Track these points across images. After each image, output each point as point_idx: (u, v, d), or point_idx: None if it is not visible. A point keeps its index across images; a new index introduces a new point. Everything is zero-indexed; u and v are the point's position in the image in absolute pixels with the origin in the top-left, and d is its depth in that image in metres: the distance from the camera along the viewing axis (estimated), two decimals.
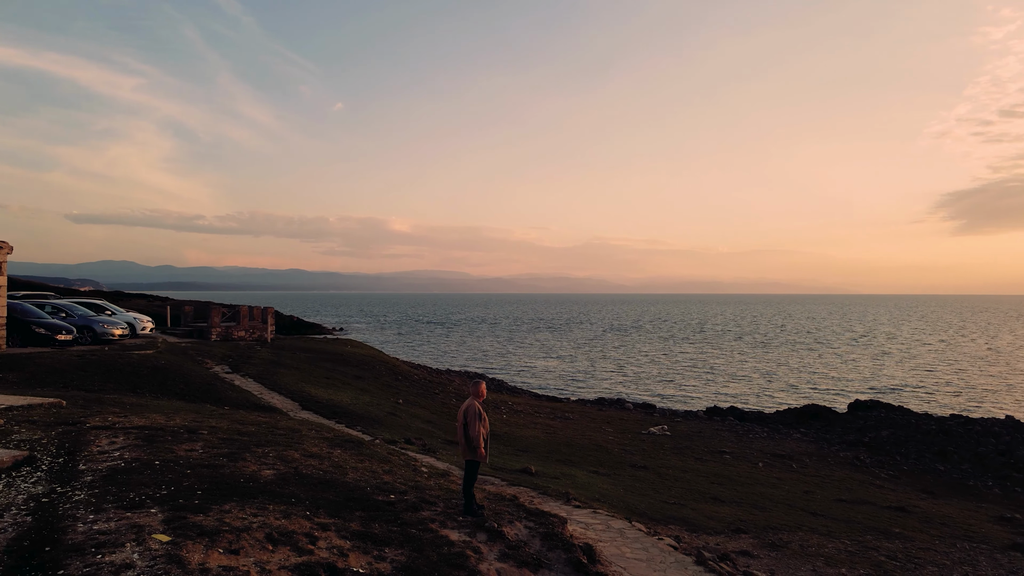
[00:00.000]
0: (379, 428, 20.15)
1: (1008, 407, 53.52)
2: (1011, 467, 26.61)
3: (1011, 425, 31.91)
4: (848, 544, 15.79)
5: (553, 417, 31.49)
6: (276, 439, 11.69)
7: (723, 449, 27.02)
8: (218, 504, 8.19)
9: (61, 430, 10.82)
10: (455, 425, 24.22)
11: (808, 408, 49.56)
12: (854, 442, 30.46)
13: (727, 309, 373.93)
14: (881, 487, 23.77)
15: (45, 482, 8.60)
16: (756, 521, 16.72)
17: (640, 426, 31.48)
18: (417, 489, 10.33)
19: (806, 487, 22.23)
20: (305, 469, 10.12)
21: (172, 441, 10.57)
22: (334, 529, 8.16)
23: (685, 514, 16.27)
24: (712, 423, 34.40)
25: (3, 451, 9.27)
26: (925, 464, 27.31)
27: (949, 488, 24.67)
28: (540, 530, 9.48)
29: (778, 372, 79.76)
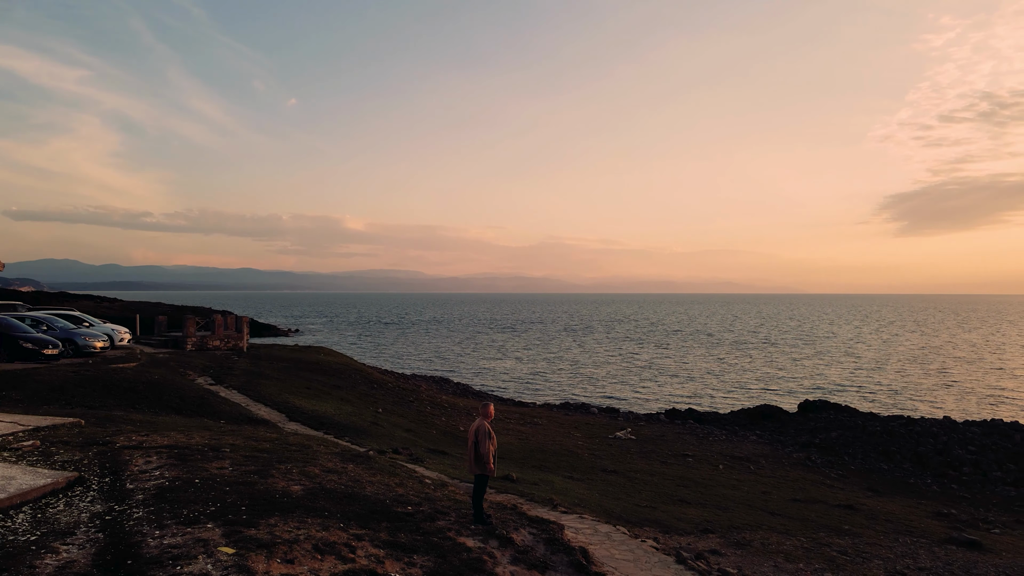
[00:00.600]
0: (366, 438, 21.13)
1: (947, 406, 56.64)
2: (947, 466, 28.79)
3: (948, 425, 34.26)
4: (804, 541, 17.38)
5: (523, 423, 32.75)
6: (292, 455, 12.68)
7: (686, 452, 28.64)
8: (263, 518, 9.22)
9: (96, 451, 11.64)
10: (432, 433, 25.27)
11: (761, 408, 51.85)
12: (806, 443, 32.43)
13: (681, 309, 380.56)
14: (831, 486, 25.63)
15: (101, 501, 9.49)
16: (721, 521, 18.22)
17: (606, 430, 32.95)
18: (429, 501, 11.46)
19: (764, 488, 23.91)
20: (328, 484, 11.17)
21: (202, 460, 11.50)
22: (367, 539, 9.26)
23: (657, 516, 17.68)
24: (674, 426, 36.07)
25: (56, 472, 10.10)
26: (871, 464, 29.35)
27: (892, 486, 26.66)
28: (543, 536, 10.71)
29: (730, 372, 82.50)
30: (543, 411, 38.67)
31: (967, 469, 28.40)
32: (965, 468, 28.47)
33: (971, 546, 19.35)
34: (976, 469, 28.30)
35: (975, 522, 22.67)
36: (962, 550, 18.88)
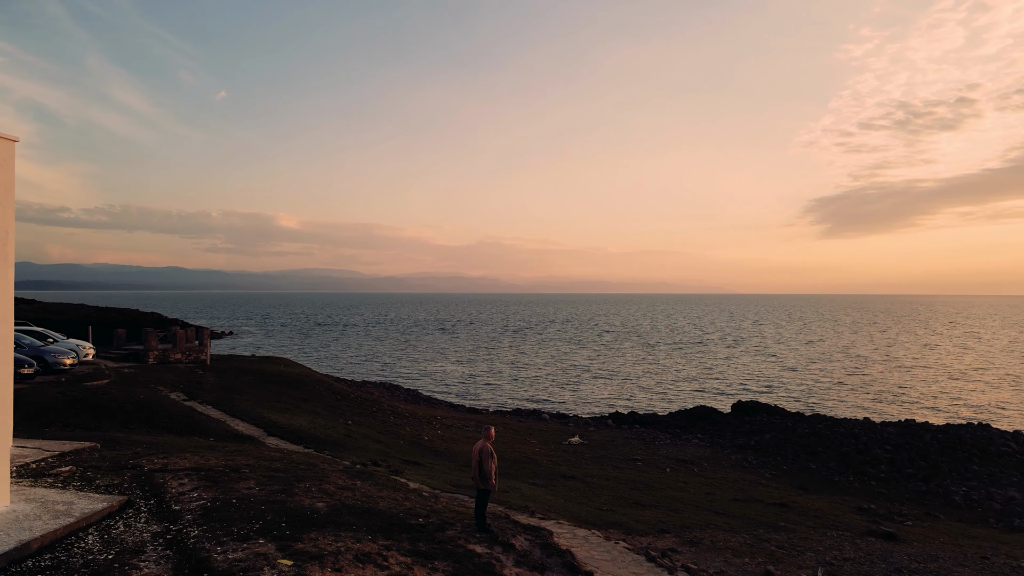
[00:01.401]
0: (344, 452, 22.47)
1: (864, 405, 60.89)
2: (867, 464, 31.77)
3: (867, 426, 37.48)
4: (747, 538, 19.59)
5: (480, 430, 34.36)
6: (305, 474, 14.05)
7: (635, 457, 30.81)
8: (304, 533, 10.67)
9: (130, 475, 12.78)
10: (401, 444, 26.82)
11: (698, 410, 54.84)
12: (742, 445, 35.07)
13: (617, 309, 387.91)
14: (767, 486, 28.16)
15: (155, 522, 10.77)
16: (674, 522, 20.29)
17: (559, 436, 34.90)
18: (435, 513, 13.04)
19: (708, 489, 26.21)
20: (346, 500, 12.64)
21: (228, 481, 12.80)
22: (395, 549, 10.81)
23: (618, 519, 19.61)
24: (621, 431, 38.29)
25: (108, 496, 11.28)
26: (800, 464, 32.11)
27: (820, 484, 29.39)
28: (537, 541, 12.44)
29: (666, 373, 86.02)
30: (498, 418, 40.37)
31: (884, 467, 31.42)
32: (882, 466, 31.49)
33: (888, 538, 21.97)
34: (892, 467, 31.34)
35: (891, 516, 25.44)
36: (880, 541, 21.46)
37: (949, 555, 20.52)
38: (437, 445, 28.69)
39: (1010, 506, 26.90)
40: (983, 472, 30.46)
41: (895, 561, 19.25)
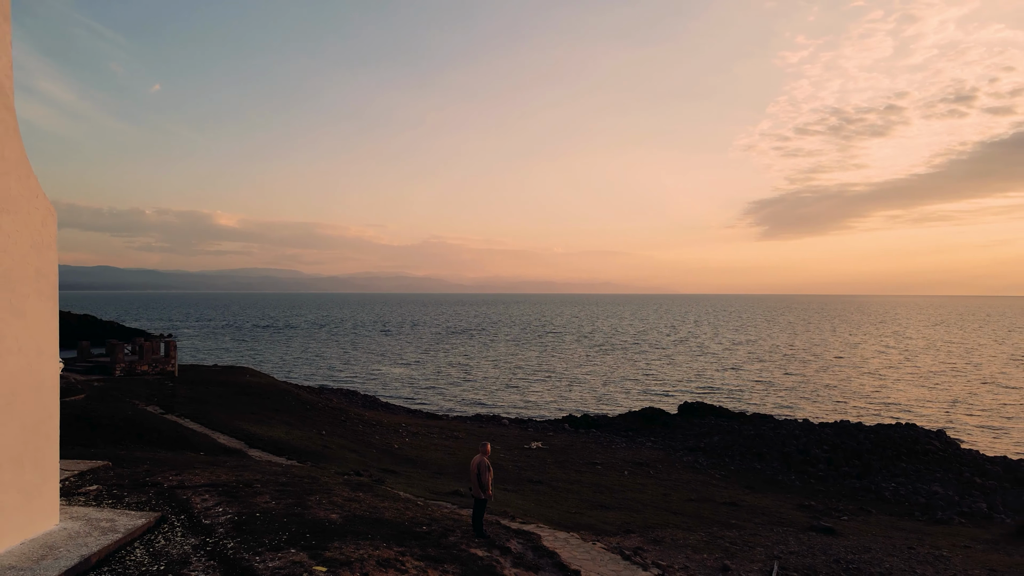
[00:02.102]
0: (326, 462, 23.58)
1: (801, 405, 64.29)
2: (807, 463, 34.26)
3: (807, 427, 40.15)
4: (703, 535, 21.48)
5: (445, 437, 35.73)
6: (311, 487, 15.25)
7: (594, 460, 32.62)
8: (329, 542, 11.95)
9: (153, 492, 13.79)
10: (374, 453, 28.14)
11: (647, 411, 57.19)
12: (693, 448, 37.25)
13: (563, 309, 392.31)
14: (717, 486, 30.27)
15: (191, 535, 11.89)
16: (637, 522, 22.06)
17: (521, 441, 36.48)
18: (434, 521, 14.43)
19: (664, 490, 28.14)
20: (356, 511, 13.93)
21: (246, 496, 13.94)
22: (409, 554, 12.18)
23: (587, 521, 21.26)
24: (579, 435, 40.09)
25: (144, 513, 12.32)
26: (747, 464, 34.41)
27: (765, 483, 31.68)
28: (529, 544, 13.96)
29: (613, 374, 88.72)
30: (459, 424, 41.73)
31: (822, 466, 33.95)
32: (821, 465, 34.01)
33: (827, 532, 24.21)
34: (829, 466, 33.89)
35: (829, 511, 27.81)
36: (820, 535, 23.66)
37: (880, 546, 22.81)
38: (408, 453, 29.94)
39: (933, 500, 29.60)
40: (910, 469, 33.23)
41: (834, 553, 21.39)
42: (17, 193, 10.21)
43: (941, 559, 21.71)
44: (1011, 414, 58.82)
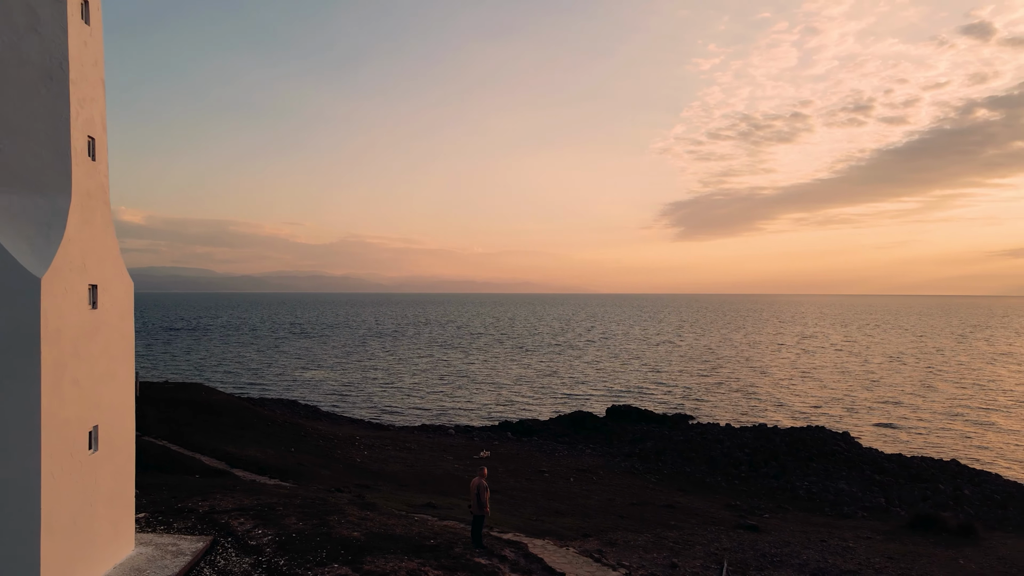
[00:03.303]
0: (306, 480, 25.44)
1: (721, 406, 69.05)
2: (731, 466, 38.01)
3: (729, 432, 44.10)
4: (649, 536, 24.44)
5: (399, 449, 37.79)
6: (324, 508, 17.30)
7: (542, 468, 35.37)
8: (363, 557, 14.15)
9: (194, 517, 15.60)
10: (341, 468, 30.22)
11: (575, 415, 60.57)
12: (629, 453, 40.52)
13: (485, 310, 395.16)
14: (654, 489, 33.51)
15: (244, 555, 13.88)
16: (591, 527, 24.85)
17: (469, 451, 38.87)
18: (437, 535, 16.77)
19: (608, 495, 31.12)
20: (372, 528, 16.12)
21: (275, 517, 15.91)
22: (428, 565, 14.53)
23: (548, 527, 23.90)
24: (522, 443, 42.78)
25: (200, 536, 14.18)
26: (678, 467, 37.87)
27: (695, 486, 35.14)
28: (521, 552, 16.49)
29: (539, 377, 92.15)
30: (408, 434, 43.75)
31: (744, 468, 37.75)
32: (743, 467, 37.80)
33: (752, 529, 27.64)
34: (750, 467, 37.72)
35: (753, 510, 31.38)
36: (747, 532, 27.03)
37: (798, 540, 26.34)
38: (371, 466, 31.93)
39: (841, 497, 33.68)
40: (820, 469, 37.38)
41: (760, 548, 24.73)
42: (112, 274, 12.05)
43: (848, 550, 25.36)
44: (903, 413, 65.04)
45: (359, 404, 67.24)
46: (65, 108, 10.84)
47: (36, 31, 10.57)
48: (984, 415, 64.95)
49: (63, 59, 10.82)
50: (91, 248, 11.34)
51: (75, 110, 11.00)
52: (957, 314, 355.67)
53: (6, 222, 10.11)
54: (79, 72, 11.14)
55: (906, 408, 68.22)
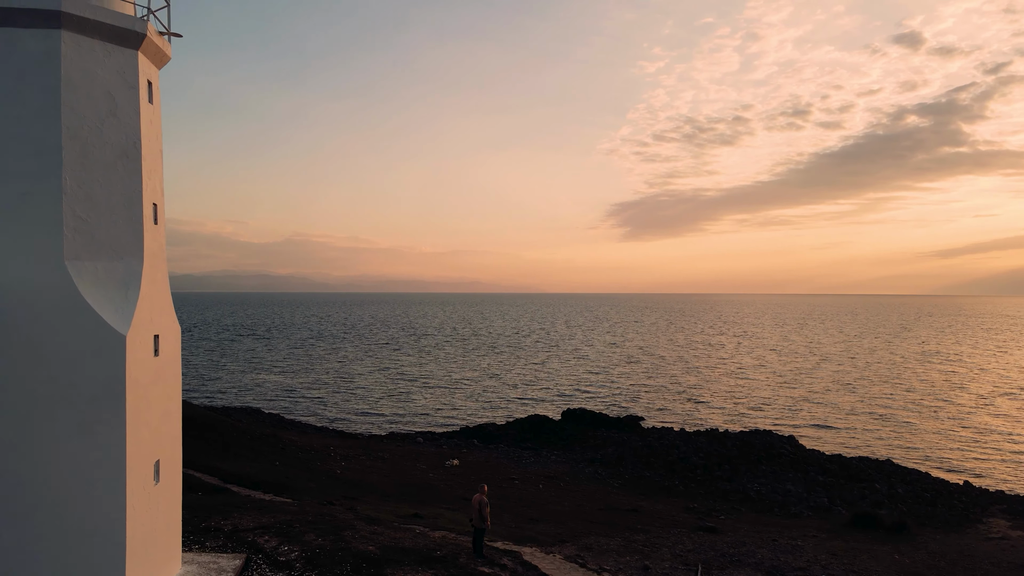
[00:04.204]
0: (301, 494, 26.78)
1: (669, 410, 72.05)
2: (688, 470, 40.51)
3: (684, 437, 46.74)
4: (620, 540, 26.54)
5: (372, 459, 39.19)
6: (336, 524, 18.82)
7: (512, 476, 37.24)
8: (382, 569, 15.79)
9: (222, 536, 16.96)
10: (325, 479, 31.67)
11: (532, 419, 62.57)
12: (592, 459, 42.72)
13: (434, 310, 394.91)
14: (618, 494, 35.71)
15: (277, 570, 15.37)
16: (566, 532, 26.82)
17: (439, 459, 40.50)
18: (441, 546, 18.48)
19: (577, 501, 33.18)
20: (384, 542, 17.74)
21: (295, 534, 17.39)
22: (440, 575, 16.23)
23: (528, 534, 25.78)
24: (489, 450, 44.57)
25: (236, 555, 15.57)
26: (638, 472, 40.20)
27: (656, 490, 37.49)
28: (518, 561, 18.34)
29: (492, 380, 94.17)
30: (378, 443, 45.09)
31: (700, 471, 40.30)
32: (698, 471, 40.35)
33: (711, 531, 30.00)
34: (705, 471, 40.29)
35: (709, 511, 33.84)
36: (706, 534, 29.38)
37: (752, 540, 28.80)
38: (351, 477, 33.35)
39: (788, 498, 36.43)
40: (769, 471, 40.17)
41: (719, 548, 27.08)
42: (168, 323, 13.47)
43: (797, 548, 27.91)
44: (840, 414, 69.03)
45: (316, 410, 68.09)
46: (138, 182, 12.25)
47: (115, 115, 11.96)
48: (915, 414, 69.45)
49: (136, 138, 12.23)
50: (155, 302, 12.75)
51: (145, 182, 12.41)
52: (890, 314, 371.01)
53: (93, 286, 11.49)
54: (147, 148, 12.55)
55: (843, 408, 72.31)
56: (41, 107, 11.23)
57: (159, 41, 12.78)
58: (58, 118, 11.26)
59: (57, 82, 11.26)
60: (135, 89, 12.26)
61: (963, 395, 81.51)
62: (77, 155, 11.45)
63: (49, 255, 11.21)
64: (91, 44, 11.65)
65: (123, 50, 12.10)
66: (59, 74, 11.26)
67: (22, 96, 11.18)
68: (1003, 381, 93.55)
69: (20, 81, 11.16)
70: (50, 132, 11.24)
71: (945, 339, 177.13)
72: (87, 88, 11.61)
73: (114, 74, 11.98)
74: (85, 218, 11.53)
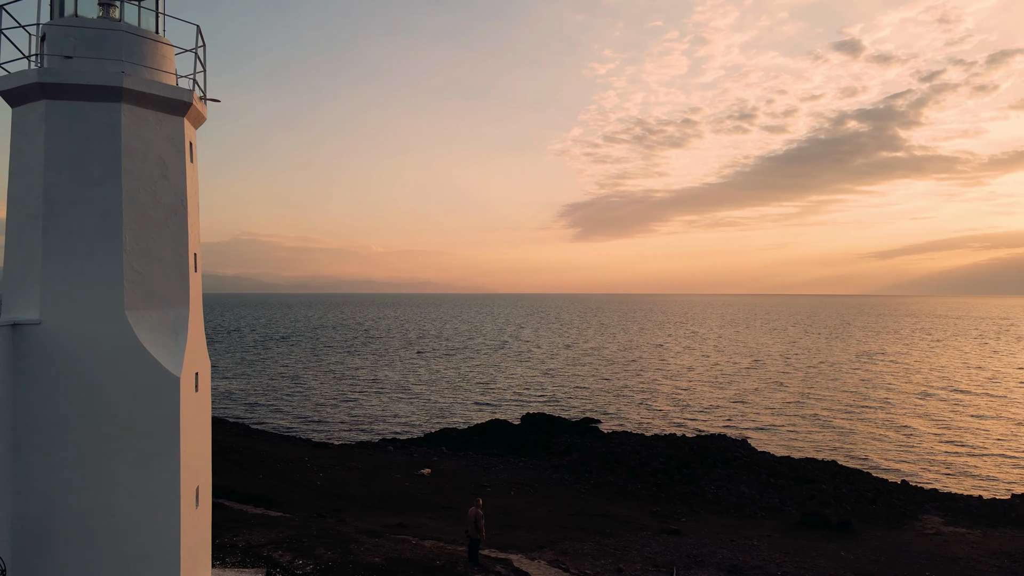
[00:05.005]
0: (291, 508, 27.94)
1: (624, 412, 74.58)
2: (650, 475, 42.69)
3: (645, 442, 49.02)
4: (592, 545, 28.40)
5: (348, 469, 40.33)
6: (340, 538, 20.18)
7: (483, 483, 38.84)
8: None
9: (239, 552, 18.19)
10: (307, 491, 33.04)
11: (493, 423, 64.28)
12: (558, 466, 44.60)
13: (386, 312, 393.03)
14: (586, 499, 37.62)
15: None
16: (542, 538, 28.57)
17: (411, 468, 41.86)
18: (439, 556, 20.03)
19: (548, 507, 34.97)
20: (387, 554, 19.21)
21: (306, 548, 18.72)
22: None
23: (508, 541, 27.43)
24: (458, 458, 46.04)
25: (257, 570, 16.86)
26: (603, 478, 42.20)
27: (620, 494, 39.53)
28: (509, 568, 20.00)
29: (449, 384, 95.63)
30: (348, 452, 46.14)
31: (660, 475, 42.53)
32: (659, 475, 42.58)
33: (674, 533, 32.13)
34: (666, 475, 42.54)
35: (671, 514, 36.01)
36: (670, 536, 31.48)
37: (712, 541, 30.99)
38: (330, 488, 34.53)
39: (743, 499, 38.89)
40: (724, 474, 42.62)
41: (684, 550, 29.17)
42: (203, 359, 14.76)
43: (753, 548, 30.19)
44: (787, 417, 72.41)
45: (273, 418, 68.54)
46: (184, 236, 13.53)
47: (166, 177, 13.23)
48: (856, 414, 73.39)
49: (183, 197, 13.52)
50: (196, 343, 14.05)
51: (189, 235, 13.71)
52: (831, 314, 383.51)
53: (150, 333, 12.76)
54: (191, 203, 13.85)
55: (789, 411, 75.87)
56: (103, 173, 12.46)
57: (200, 106, 14.08)
58: (119, 183, 12.52)
59: (118, 150, 12.51)
60: (182, 152, 13.55)
61: (899, 395, 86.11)
62: (134, 216, 12.71)
63: (111, 306, 12.44)
64: (146, 114, 12.91)
65: (172, 117, 13.37)
66: (119, 143, 12.52)
67: (86, 163, 12.40)
68: (937, 381, 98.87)
69: (84, 149, 12.38)
70: (111, 195, 12.49)
71: (882, 339, 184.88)
72: (142, 154, 12.87)
73: (164, 140, 13.26)
74: (141, 271, 12.79)
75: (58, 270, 12.32)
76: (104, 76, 12.33)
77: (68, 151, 12.36)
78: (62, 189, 12.37)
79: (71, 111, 12.36)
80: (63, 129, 12.36)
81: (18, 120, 12.68)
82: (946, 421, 69.87)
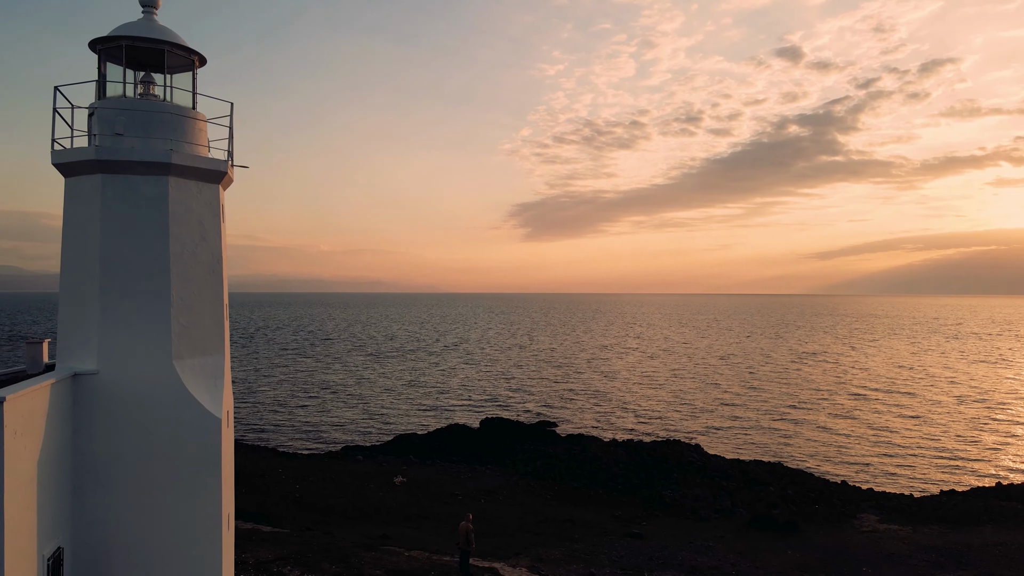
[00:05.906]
0: (278, 522, 29.30)
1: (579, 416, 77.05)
2: (610, 480, 45.06)
3: (605, 448, 51.43)
4: (563, 551, 30.48)
5: (323, 480, 41.60)
6: (340, 552, 21.77)
7: (455, 492, 40.62)
8: None
9: (251, 569, 19.66)
10: (292, 504, 34.45)
11: (451, 427, 66.04)
12: (524, 472, 46.62)
13: (334, 312, 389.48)
14: (552, 505, 39.73)
15: None
16: (517, 545, 30.54)
17: (385, 478, 43.33)
18: (432, 568, 21.81)
19: (519, 514, 36.94)
20: (388, 566, 20.92)
21: (314, 563, 20.32)
22: None
23: (485, 548, 29.27)
24: (426, 467, 47.63)
25: None
26: (567, 483, 44.40)
27: (584, 499, 41.75)
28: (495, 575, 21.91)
29: (403, 387, 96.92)
30: (319, 462, 47.27)
31: (620, 481, 44.93)
32: (619, 480, 44.98)
33: (637, 536, 34.46)
34: (626, 480, 44.96)
35: (633, 518, 38.36)
36: (634, 540, 33.79)
37: (673, 543, 33.40)
38: (310, 500, 35.88)
39: (698, 503, 41.52)
40: (680, 478, 45.25)
41: (647, 552, 31.50)
42: (230, 400, 16.31)
43: (710, 549, 32.71)
44: (734, 418, 75.94)
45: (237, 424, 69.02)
46: (220, 290, 15.09)
47: (205, 239, 14.77)
48: (799, 414, 77.39)
49: (219, 256, 15.08)
50: (228, 384, 15.63)
51: (224, 289, 15.28)
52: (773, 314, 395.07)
53: (194, 379, 14.31)
54: (224, 260, 15.42)
55: (737, 411, 79.55)
56: (153, 238, 13.98)
57: (231, 173, 15.65)
58: (167, 247, 14.05)
59: (165, 218, 14.04)
60: (217, 216, 15.11)
61: (838, 396, 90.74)
62: (180, 275, 14.25)
63: (160, 356, 13.97)
64: (188, 184, 14.46)
65: (210, 185, 14.94)
66: (167, 211, 14.05)
67: (138, 229, 13.90)
68: (871, 383, 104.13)
69: (136, 217, 13.88)
70: (160, 258, 14.02)
71: (822, 338, 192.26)
72: (186, 219, 14.42)
73: (203, 206, 14.81)
74: (186, 324, 14.34)
75: (113, 324, 13.82)
76: (154, 153, 13.89)
77: (121, 219, 13.87)
78: (117, 252, 13.87)
79: (125, 183, 13.88)
80: (117, 199, 13.87)
81: (72, 189, 14.13)
82: (880, 422, 74.20)
